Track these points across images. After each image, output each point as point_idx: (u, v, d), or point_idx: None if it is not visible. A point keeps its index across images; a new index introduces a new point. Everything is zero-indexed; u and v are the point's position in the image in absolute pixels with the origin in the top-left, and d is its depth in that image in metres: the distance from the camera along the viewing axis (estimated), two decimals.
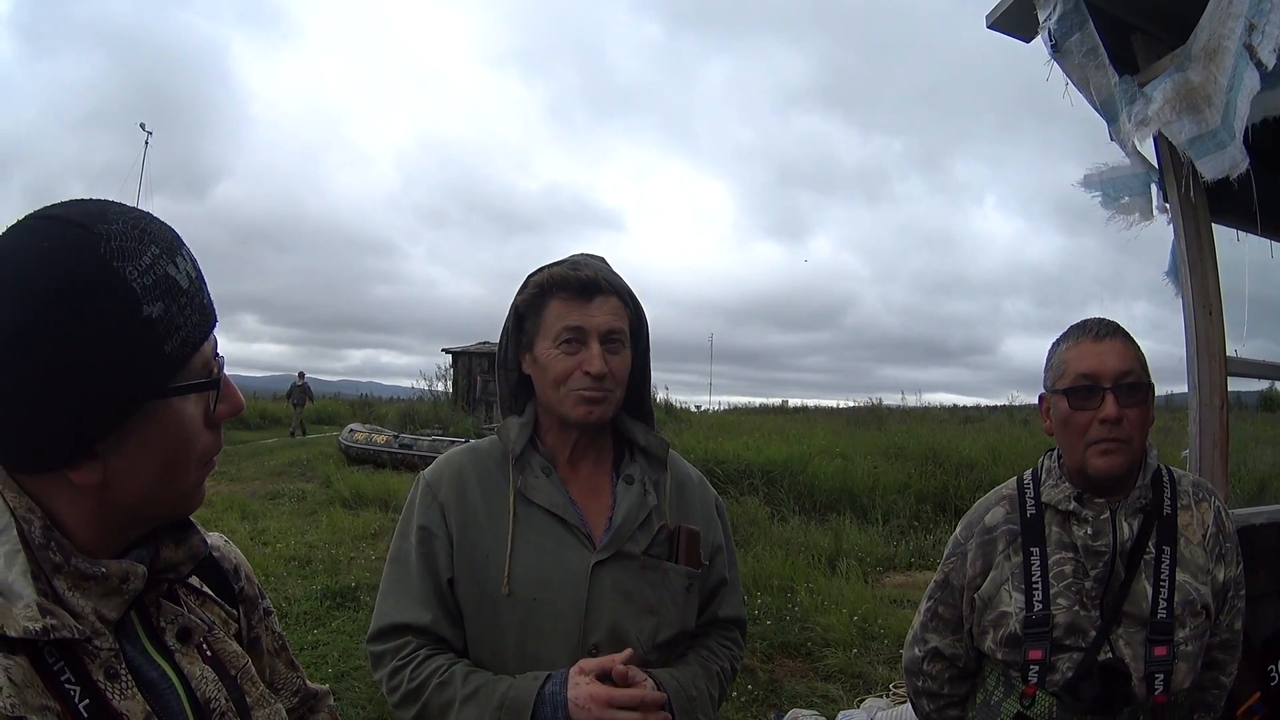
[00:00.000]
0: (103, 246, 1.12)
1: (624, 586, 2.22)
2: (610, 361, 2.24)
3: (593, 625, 2.19)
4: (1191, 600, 2.34)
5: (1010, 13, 3.67)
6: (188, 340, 1.20)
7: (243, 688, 1.39)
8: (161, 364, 1.17)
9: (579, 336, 2.23)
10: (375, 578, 9.61)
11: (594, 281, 2.25)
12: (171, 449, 1.23)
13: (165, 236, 1.21)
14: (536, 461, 2.32)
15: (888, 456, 18.31)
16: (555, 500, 2.27)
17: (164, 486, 1.25)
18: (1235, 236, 3.95)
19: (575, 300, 2.24)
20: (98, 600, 1.20)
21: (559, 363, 2.23)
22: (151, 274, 1.15)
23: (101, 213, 1.17)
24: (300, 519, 14.97)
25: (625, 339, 2.30)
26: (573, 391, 2.24)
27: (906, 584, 11.09)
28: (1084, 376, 2.36)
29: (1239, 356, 3.60)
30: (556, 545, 2.23)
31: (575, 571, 2.20)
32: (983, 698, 2.56)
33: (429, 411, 35.20)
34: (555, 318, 2.25)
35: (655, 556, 2.28)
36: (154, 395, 1.18)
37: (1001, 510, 2.57)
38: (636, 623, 2.23)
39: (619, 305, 2.29)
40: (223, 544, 1.62)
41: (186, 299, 1.20)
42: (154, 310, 1.14)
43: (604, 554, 2.22)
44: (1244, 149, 2.97)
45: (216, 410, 1.29)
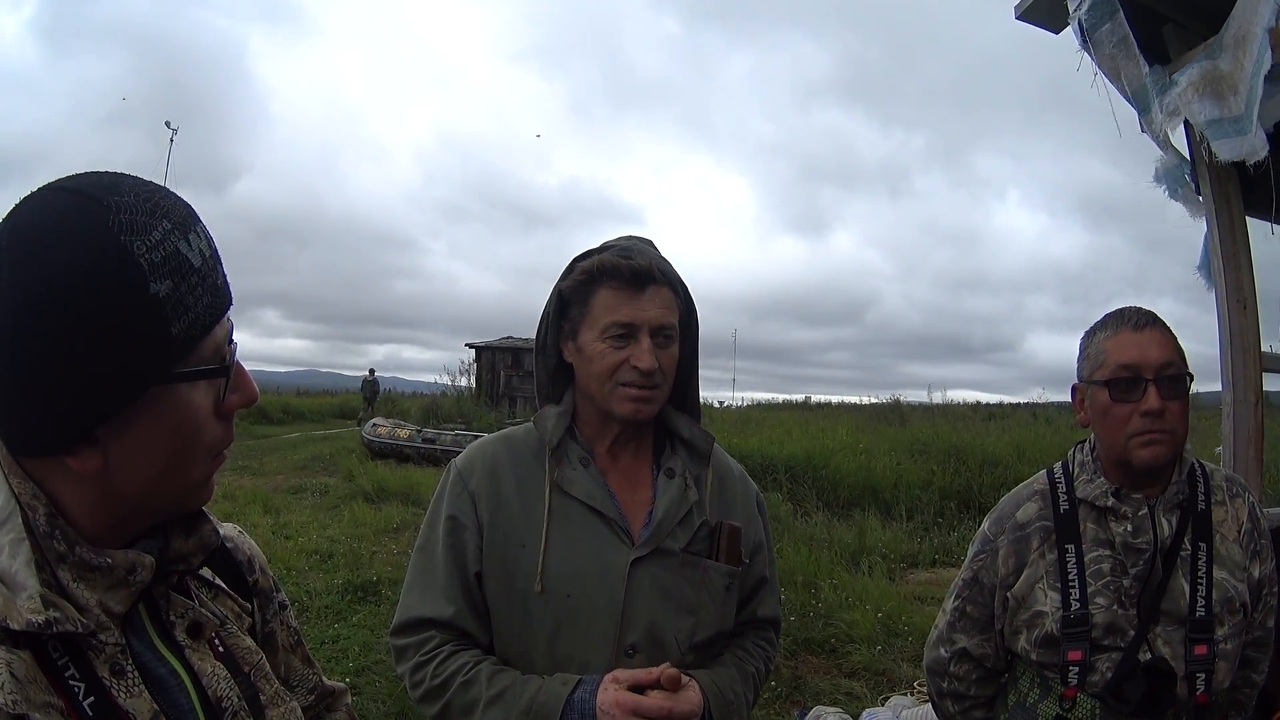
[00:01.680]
0: (111, 219, 1.07)
1: (663, 584, 2.14)
2: (660, 357, 2.14)
3: (629, 625, 2.11)
4: (1230, 598, 2.30)
5: (1040, 3, 3.63)
6: (197, 322, 1.14)
7: (256, 685, 1.35)
8: (168, 347, 1.11)
9: (629, 331, 2.12)
10: (397, 572, 9.64)
11: (647, 271, 2.13)
12: (177, 439, 1.17)
13: (179, 211, 1.16)
14: (574, 452, 2.24)
15: (911, 453, 18.28)
16: (593, 493, 2.18)
17: (169, 479, 1.19)
18: (1270, 230, 3.91)
19: (626, 291, 2.13)
20: (103, 592, 1.15)
21: (607, 357, 2.13)
22: (161, 250, 1.10)
23: (114, 185, 1.11)
24: (322, 513, 14.99)
25: (676, 333, 2.21)
26: (621, 387, 2.14)
27: (931, 581, 11.04)
28: (1125, 368, 2.31)
29: (1274, 352, 3.55)
30: (593, 540, 2.15)
31: (613, 568, 2.12)
32: (1015, 699, 2.52)
33: (452, 406, 35.37)
34: (604, 309, 2.14)
35: (695, 553, 2.19)
36: (159, 380, 1.12)
37: (1034, 506, 2.50)
38: (675, 622, 2.15)
39: (671, 297, 2.19)
40: (236, 535, 1.57)
41: (198, 278, 1.14)
42: (162, 288, 1.09)
43: (643, 550, 2.13)
44: (1264, 136, 2.92)
45: (227, 400, 1.23)
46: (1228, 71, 3.00)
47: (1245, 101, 2.95)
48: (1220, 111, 3.04)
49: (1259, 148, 2.93)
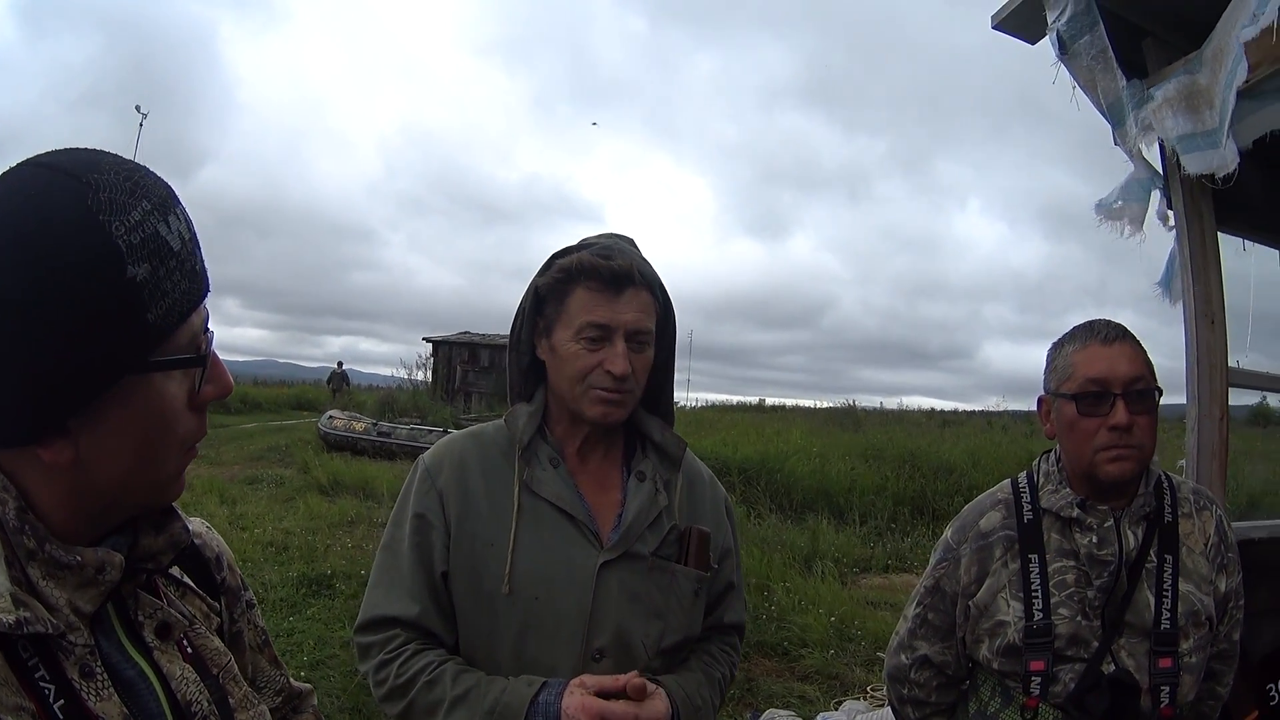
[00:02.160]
0: (90, 197, 1.02)
1: (631, 589, 2.11)
2: (634, 361, 2.11)
3: (597, 628, 2.08)
4: (1195, 611, 2.31)
5: (1017, 13, 3.64)
6: (174, 309, 1.09)
7: (225, 688, 1.30)
8: (143, 334, 1.06)
9: (604, 333, 2.09)
10: (352, 566, 9.66)
11: (626, 273, 2.09)
12: (150, 431, 1.13)
13: (159, 192, 1.11)
14: (544, 452, 2.20)
15: (865, 458, 18.43)
16: (563, 494, 2.15)
17: (141, 472, 1.14)
18: (1241, 246, 3.93)
19: (604, 293, 2.09)
20: (72, 591, 1.11)
21: (580, 358, 2.10)
22: (140, 231, 1.05)
23: (94, 162, 1.07)
24: (278, 505, 14.96)
25: (652, 338, 2.17)
26: (592, 389, 2.11)
27: (884, 586, 11.13)
28: (1093, 381, 2.31)
29: (1240, 368, 3.57)
30: (562, 542, 2.11)
31: (581, 571, 2.09)
32: (976, 707, 2.51)
33: (408, 400, 35.36)
34: (580, 309, 2.10)
35: (664, 558, 2.17)
36: (133, 369, 1.08)
37: (998, 515, 2.50)
38: (643, 627, 2.12)
39: (649, 300, 2.16)
40: (204, 530, 1.52)
41: (176, 262, 1.09)
42: (139, 272, 1.04)
43: (612, 553, 2.10)
44: (1235, 149, 2.94)
45: (202, 391, 1.18)
46: (1205, 86, 3.02)
47: (1219, 114, 2.96)
48: (1194, 126, 3.05)
49: (1229, 160, 2.94)
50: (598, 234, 2.30)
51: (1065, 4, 3.31)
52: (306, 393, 47.14)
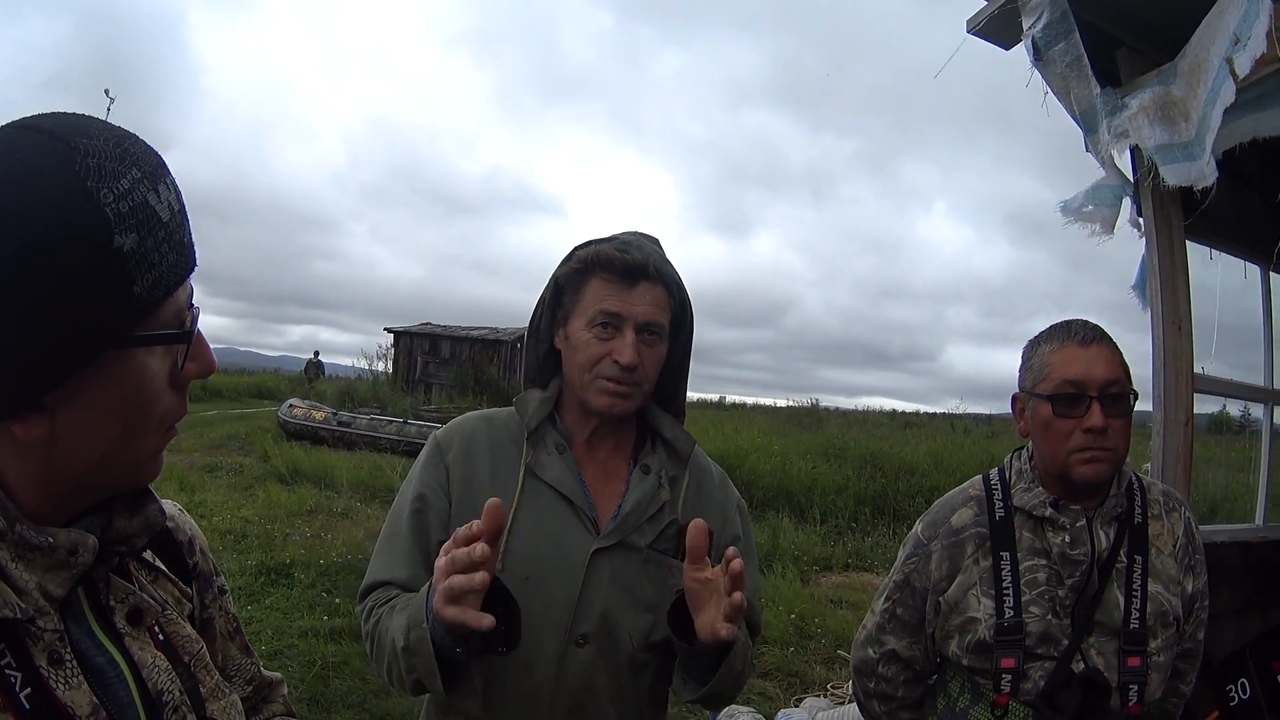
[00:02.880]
0: (78, 162, 0.98)
1: (623, 579, 2.12)
2: (644, 354, 2.13)
3: (583, 614, 2.08)
4: (1164, 611, 2.33)
5: (994, 19, 3.67)
6: (161, 282, 1.05)
7: (197, 676, 1.27)
8: (128, 307, 1.02)
9: (615, 323, 2.11)
10: (310, 555, 9.64)
11: (641, 266, 2.13)
12: (130, 409, 1.08)
13: (150, 160, 1.07)
14: (551, 438, 2.22)
15: (826, 457, 18.45)
16: (564, 480, 2.16)
17: (119, 451, 1.10)
18: (1208, 255, 3.98)
19: (618, 284, 2.12)
20: (43, 574, 1.06)
21: (590, 347, 2.12)
22: (129, 200, 1.01)
23: (83, 127, 1.03)
24: (237, 493, 14.78)
25: (664, 333, 2.19)
26: (599, 379, 2.12)
27: (844, 585, 11.15)
28: (1069, 383, 2.31)
29: (1205, 374, 3.61)
30: (559, 526, 2.12)
31: (573, 556, 2.09)
32: (945, 703, 2.53)
33: (368, 390, 35.19)
34: (594, 298, 2.13)
35: (661, 552, 2.17)
36: (116, 343, 1.03)
37: (969, 512, 2.51)
38: (631, 618, 2.12)
39: (663, 296, 2.17)
40: (177, 513, 1.47)
41: (165, 233, 1.05)
42: (126, 241, 0.99)
43: (606, 541, 2.11)
44: (1214, 163, 2.97)
45: (185, 369, 1.14)
46: (1180, 98, 3.05)
47: (1196, 128, 2.99)
48: (1170, 137, 3.08)
49: (1207, 174, 2.97)
50: (624, 230, 2.32)
51: (1041, 11, 3.34)
52: (267, 381, 46.77)
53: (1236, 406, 8.19)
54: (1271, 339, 4.86)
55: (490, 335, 42.59)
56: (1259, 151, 3.15)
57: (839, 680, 7.12)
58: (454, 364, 41.39)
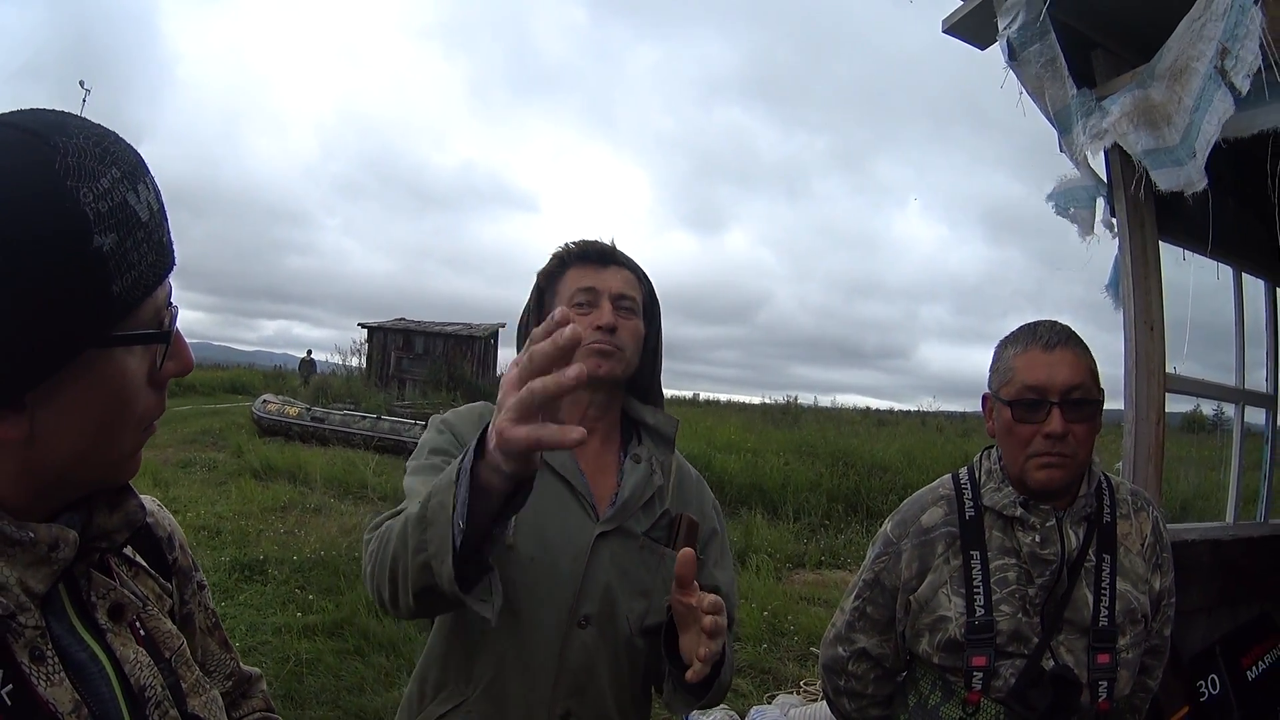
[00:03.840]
0: (58, 161, 0.98)
1: (622, 563, 2.19)
2: (621, 321, 2.25)
3: (586, 596, 2.14)
4: (1132, 609, 2.35)
5: (968, 19, 3.68)
6: (140, 282, 1.05)
7: (178, 672, 1.26)
8: (107, 306, 1.02)
9: (592, 298, 2.26)
10: (284, 551, 9.62)
11: (610, 251, 2.35)
12: (108, 408, 1.08)
13: (129, 159, 1.07)
14: None
15: (800, 454, 18.49)
16: (566, 465, 2.24)
17: (97, 450, 1.10)
18: (1181, 256, 4.00)
19: (591, 266, 2.31)
20: (23, 570, 1.05)
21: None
22: (108, 199, 1.00)
23: (61, 124, 1.03)
24: (210, 489, 14.74)
25: (637, 308, 2.33)
26: (585, 346, 2.18)
27: (817, 582, 11.18)
28: (1030, 389, 2.32)
29: (1177, 374, 3.64)
30: (562, 510, 2.19)
31: (578, 538, 2.17)
32: (916, 700, 2.54)
33: (342, 385, 35.11)
34: (572, 282, 2.29)
35: (654, 539, 2.26)
36: (95, 343, 1.03)
37: (940, 511, 2.52)
38: (629, 602, 2.19)
39: (632, 277, 2.35)
40: (156, 509, 1.46)
41: (144, 233, 1.05)
42: (106, 242, 0.99)
43: (608, 525, 2.19)
44: (1203, 170, 2.98)
45: (163, 368, 1.14)
46: (1160, 102, 3.06)
47: (1181, 134, 3.01)
48: (1155, 142, 3.10)
49: (1196, 180, 2.99)
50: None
51: (1017, 12, 3.35)
52: (241, 376, 46.58)
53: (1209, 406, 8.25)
54: (1243, 340, 4.91)
55: (464, 331, 42.55)
56: (1231, 153, 3.17)
57: (811, 677, 7.14)
58: (428, 359, 41.39)
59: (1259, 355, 5.15)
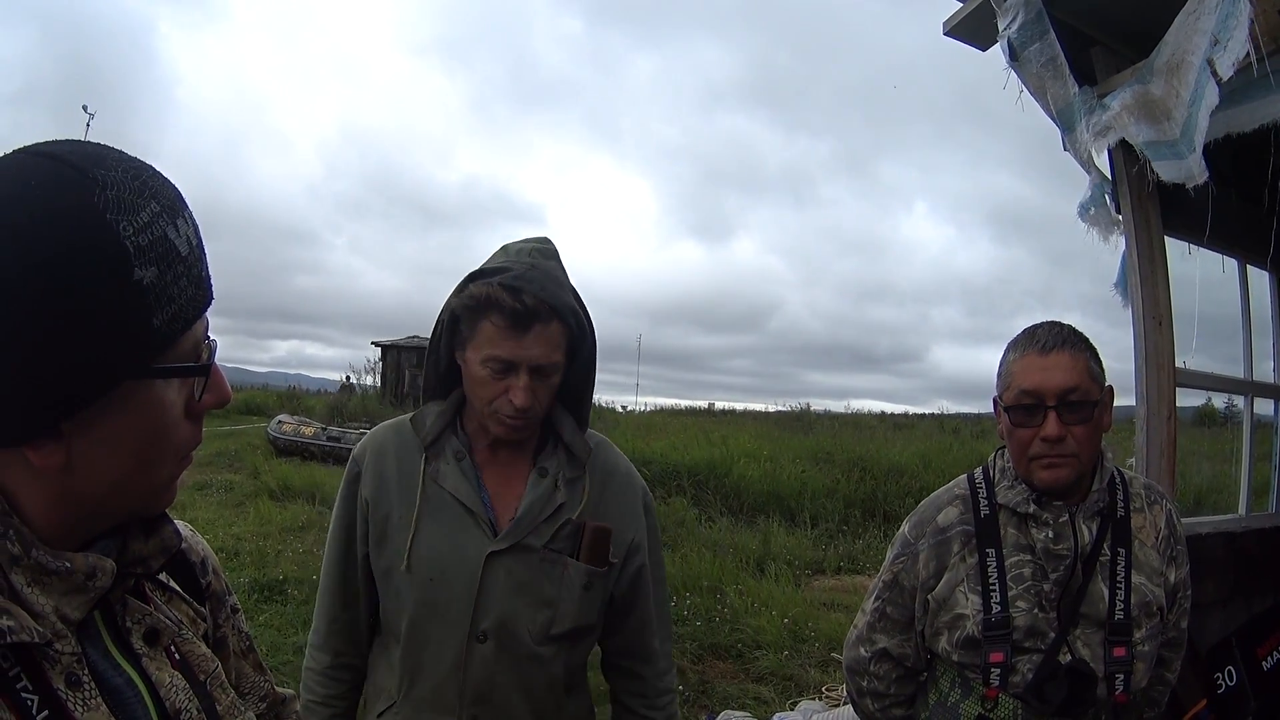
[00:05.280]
0: (98, 195, 0.97)
1: (519, 578, 2.26)
2: (537, 390, 2.22)
3: (482, 612, 2.24)
4: (1148, 602, 2.36)
5: (969, 20, 3.69)
6: (180, 315, 1.05)
7: (213, 695, 1.26)
8: (148, 339, 1.02)
9: (507, 368, 2.19)
10: (303, 571, 9.60)
11: (533, 311, 2.14)
12: (146, 438, 1.08)
13: (168, 194, 1.07)
14: (451, 446, 2.36)
15: (815, 461, 18.45)
16: (461, 488, 2.30)
17: (133, 480, 1.10)
18: (1187, 250, 4.01)
19: (509, 329, 2.15)
20: (59, 598, 1.06)
21: (486, 386, 2.22)
22: (148, 233, 1.00)
23: (100, 157, 1.02)
24: (228, 510, 14.75)
25: (558, 368, 2.26)
26: (497, 413, 2.23)
27: (837, 588, 11.17)
28: (1026, 394, 2.34)
29: (1187, 368, 3.64)
30: (457, 531, 2.27)
31: (471, 558, 2.24)
32: (936, 698, 2.55)
33: (357, 404, 35.06)
34: (486, 340, 2.18)
35: (557, 551, 2.31)
36: (134, 374, 1.03)
37: (955, 510, 2.53)
38: (530, 614, 2.27)
39: (558, 332, 2.21)
40: (189, 534, 1.46)
41: (184, 267, 1.05)
42: (146, 275, 0.99)
43: (501, 544, 2.25)
44: (1203, 163, 3.00)
45: (202, 400, 1.15)
46: (1159, 97, 3.07)
47: (1181, 128, 3.02)
48: (1157, 135, 3.11)
49: (1197, 173, 3.00)
50: (523, 239, 2.35)
51: (1016, 12, 3.36)
52: (255, 397, 46.53)
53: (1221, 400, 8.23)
54: (1250, 331, 4.91)
55: None
56: (1233, 147, 3.18)
57: (834, 683, 7.14)
58: None
59: (1265, 347, 5.16)
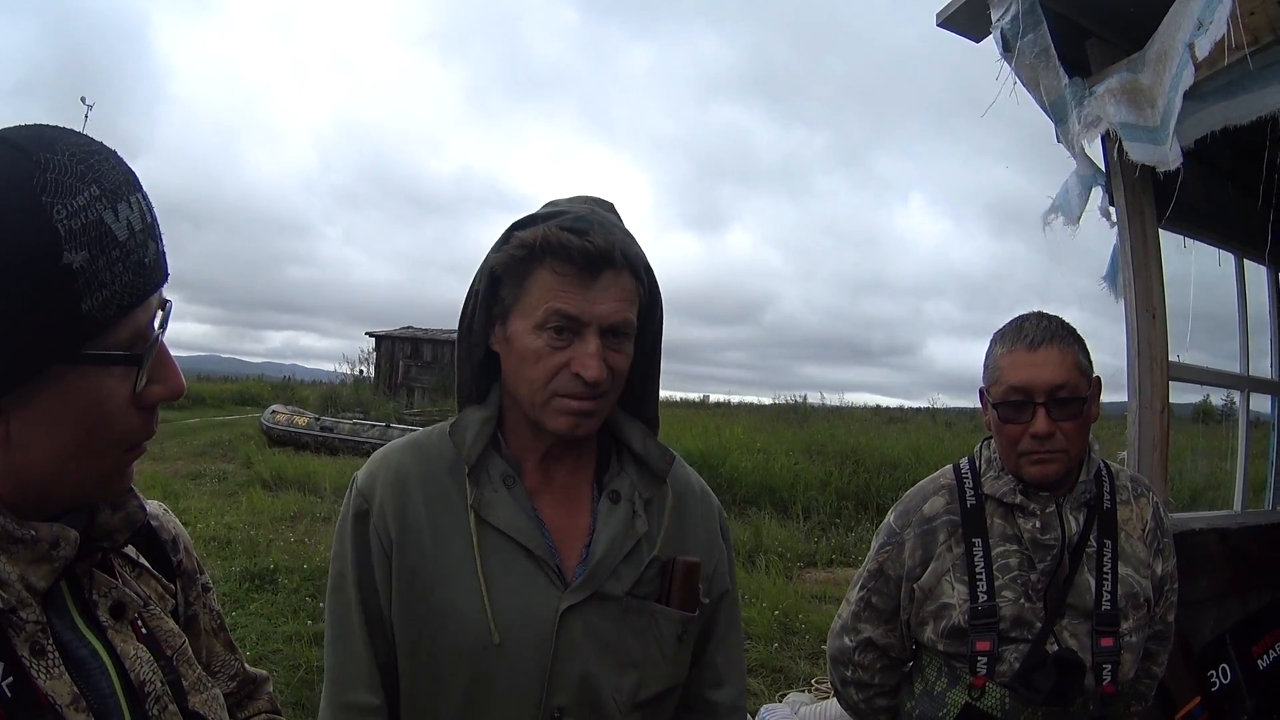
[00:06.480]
0: (36, 177, 0.99)
1: (601, 636, 1.73)
2: (611, 361, 1.68)
3: (558, 685, 1.70)
4: (1135, 593, 2.37)
5: (962, 12, 3.67)
6: (113, 301, 1.05)
7: (179, 669, 1.27)
8: (76, 324, 1.02)
9: (573, 327, 1.66)
10: (294, 560, 9.65)
11: (605, 253, 1.65)
12: (82, 424, 1.08)
13: (113, 178, 1.07)
14: (497, 468, 1.79)
15: (809, 454, 18.47)
16: (517, 524, 1.74)
17: (76, 465, 1.11)
18: (1182, 244, 3.99)
19: (575, 277, 1.65)
20: (25, 567, 1.07)
21: (542, 358, 1.68)
22: (82, 217, 1.01)
23: (50, 141, 1.04)
24: (221, 499, 14.81)
25: (633, 331, 1.75)
26: (557, 397, 1.69)
27: (828, 580, 11.17)
28: (1015, 390, 2.33)
29: (1180, 362, 3.63)
30: (517, 582, 1.73)
31: (540, 617, 1.71)
32: (923, 687, 2.55)
33: (351, 395, 35.16)
34: (544, 293, 1.66)
35: (641, 597, 1.77)
36: (63, 359, 1.03)
37: (941, 500, 2.54)
38: (614, 680, 1.74)
39: (632, 286, 1.72)
40: (161, 513, 1.48)
41: (120, 252, 1.05)
42: (76, 259, 1.00)
43: (577, 596, 1.71)
44: (1178, 147, 2.98)
45: (149, 391, 1.14)
46: (1147, 86, 3.07)
47: (1162, 114, 3.01)
48: (1136, 119, 3.09)
49: (1172, 159, 2.99)
50: (569, 197, 1.84)
51: (1010, 3, 3.34)
52: (249, 388, 46.67)
53: (1219, 397, 8.21)
54: (1247, 326, 4.89)
55: None
56: (1229, 140, 3.16)
57: (823, 675, 7.13)
58: (436, 367, 41.41)
59: (1263, 344, 5.15)
